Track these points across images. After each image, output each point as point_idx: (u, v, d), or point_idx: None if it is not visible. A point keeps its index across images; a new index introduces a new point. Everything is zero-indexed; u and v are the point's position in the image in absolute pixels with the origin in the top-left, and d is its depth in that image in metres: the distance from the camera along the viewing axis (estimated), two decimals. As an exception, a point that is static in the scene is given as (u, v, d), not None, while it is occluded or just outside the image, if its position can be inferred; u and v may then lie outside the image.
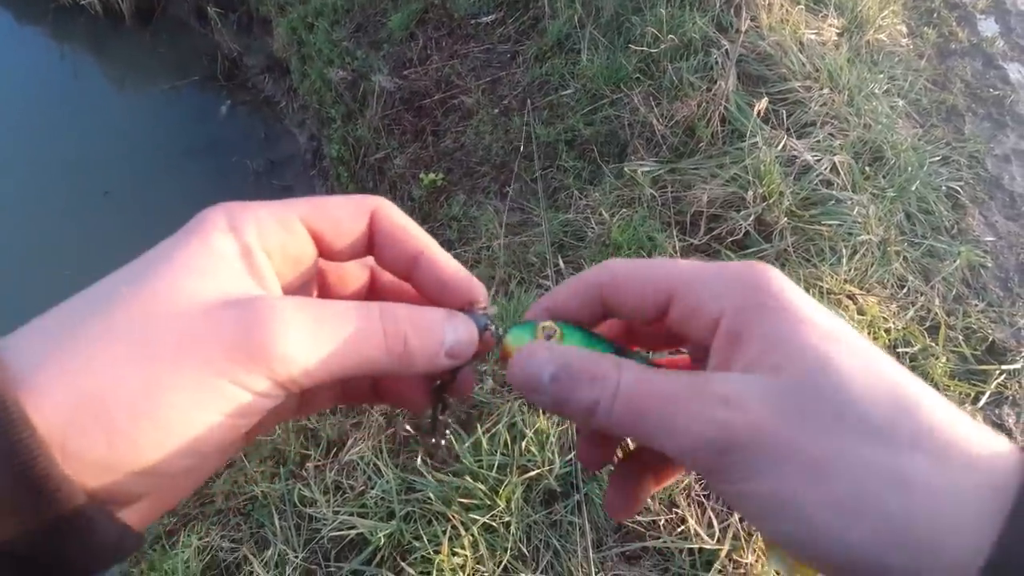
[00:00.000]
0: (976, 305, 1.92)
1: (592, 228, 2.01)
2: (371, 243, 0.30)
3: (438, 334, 0.27)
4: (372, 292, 0.33)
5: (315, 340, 0.24)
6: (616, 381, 0.24)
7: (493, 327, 0.29)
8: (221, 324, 0.22)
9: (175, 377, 0.21)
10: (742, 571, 1.31)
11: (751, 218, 1.91)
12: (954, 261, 1.98)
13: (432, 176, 2.50)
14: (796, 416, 0.22)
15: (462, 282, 0.30)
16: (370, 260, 0.32)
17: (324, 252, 0.29)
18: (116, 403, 0.21)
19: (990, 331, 1.84)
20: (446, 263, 0.30)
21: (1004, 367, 1.73)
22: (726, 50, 2.24)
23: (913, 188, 2.10)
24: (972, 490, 0.20)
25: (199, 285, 0.23)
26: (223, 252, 0.24)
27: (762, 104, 2.07)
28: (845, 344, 0.23)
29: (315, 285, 0.31)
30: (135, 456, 0.21)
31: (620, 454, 0.31)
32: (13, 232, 3.16)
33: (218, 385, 0.22)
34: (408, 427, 1.58)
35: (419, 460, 1.50)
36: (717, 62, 2.24)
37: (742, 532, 1.36)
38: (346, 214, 0.29)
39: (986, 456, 0.21)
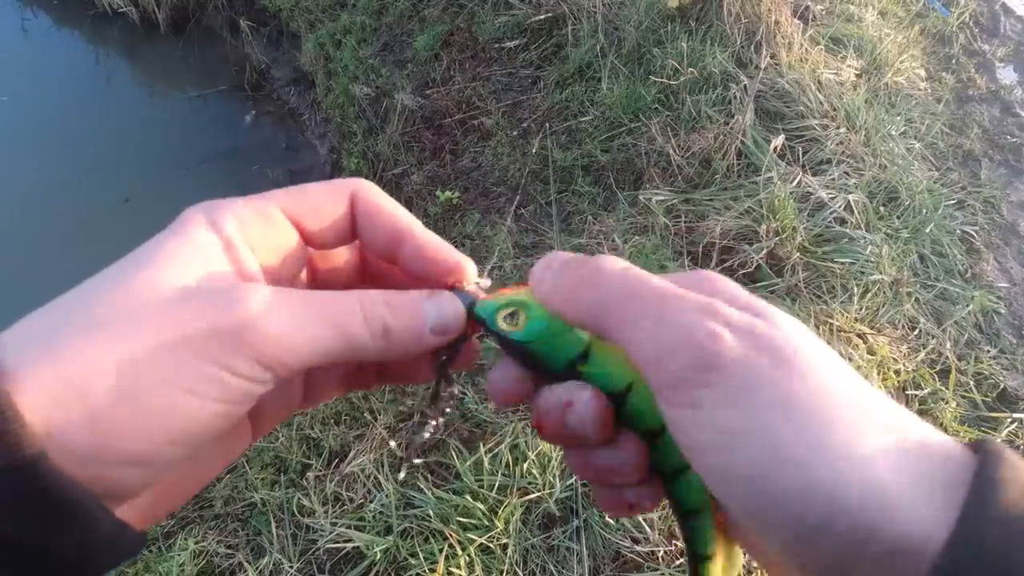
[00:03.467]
0: (988, 351, 1.90)
1: (604, 254, 2.02)
2: (354, 227, 0.29)
3: (418, 313, 0.27)
4: (363, 278, 0.32)
5: (298, 322, 0.24)
6: (612, 266, 0.25)
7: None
8: (202, 308, 0.22)
9: (155, 361, 0.21)
10: (741, 609, 1.29)
11: (763, 252, 1.91)
12: (967, 305, 1.97)
13: (448, 194, 2.53)
14: (784, 362, 0.22)
15: (447, 259, 0.29)
16: (359, 245, 0.31)
17: (308, 240, 0.28)
18: (97, 388, 0.20)
19: (1002, 378, 1.82)
20: (429, 241, 0.29)
21: (1016, 415, 1.71)
22: (745, 85, 2.27)
23: (927, 230, 2.10)
24: (939, 464, 0.20)
25: (181, 277, 0.23)
26: (205, 246, 0.24)
27: (779, 140, 2.09)
28: (807, 335, 0.24)
29: (303, 274, 0.31)
30: (120, 442, 0.21)
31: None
32: (30, 238, 3.14)
33: (201, 368, 0.22)
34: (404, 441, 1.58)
35: (419, 476, 1.49)
36: (735, 96, 2.27)
37: (742, 569, 1.34)
38: (325, 199, 0.28)
39: (947, 443, 0.21)
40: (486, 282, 0.30)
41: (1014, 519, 0.18)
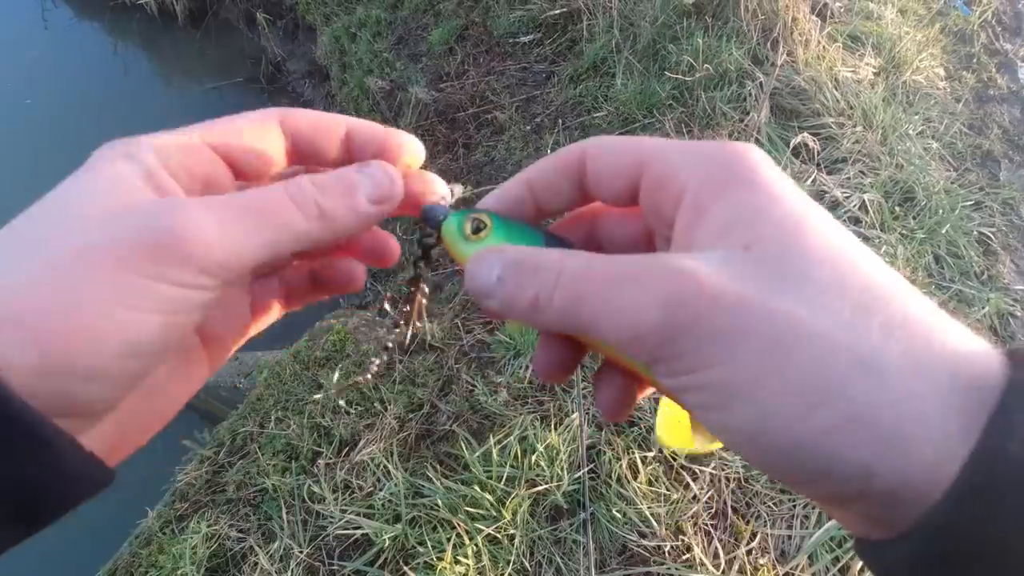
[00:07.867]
0: (1003, 354, 1.88)
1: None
2: (292, 152, 0.28)
3: (350, 185, 0.26)
4: None
5: (228, 222, 0.23)
6: (559, 269, 0.23)
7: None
8: (126, 224, 0.22)
9: (91, 280, 0.21)
10: (746, 605, 1.29)
11: (776, 250, 1.90)
12: (983, 308, 1.95)
13: (461, 188, 2.54)
14: (757, 288, 0.20)
15: (396, 139, 0.28)
16: (301, 171, 0.30)
17: (239, 173, 0.28)
18: (37, 314, 0.20)
19: (1017, 381, 1.80)
20: (376, 129, 0.28)
21: (1030, 419, 1.69)
22: (761, 82, 2.26)
23: (943, 231, 2.08)
24: (949, 382, 0.19)
25: (101, 204, 0.23)
26: (124, 177, 0.24)
27: (800, 138, 2.08)
28: (818, 226, 0.21)
29: None
30: (70, 360, 0.21)
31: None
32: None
33: (137, 282, 0.22)
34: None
35: (429, 466, 1.51)
36: (751, 94, 2.26)
37: (748, 566, 1.34)
38: (250, 126, 0.27)
39: (966, 351, 0.19)
40: (459, 189, 0.30)
41: None
